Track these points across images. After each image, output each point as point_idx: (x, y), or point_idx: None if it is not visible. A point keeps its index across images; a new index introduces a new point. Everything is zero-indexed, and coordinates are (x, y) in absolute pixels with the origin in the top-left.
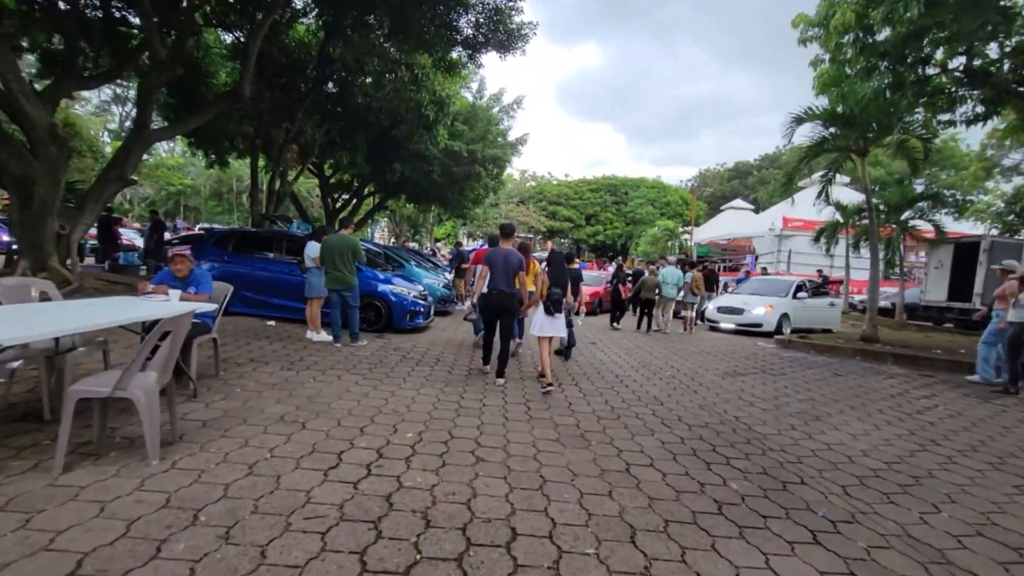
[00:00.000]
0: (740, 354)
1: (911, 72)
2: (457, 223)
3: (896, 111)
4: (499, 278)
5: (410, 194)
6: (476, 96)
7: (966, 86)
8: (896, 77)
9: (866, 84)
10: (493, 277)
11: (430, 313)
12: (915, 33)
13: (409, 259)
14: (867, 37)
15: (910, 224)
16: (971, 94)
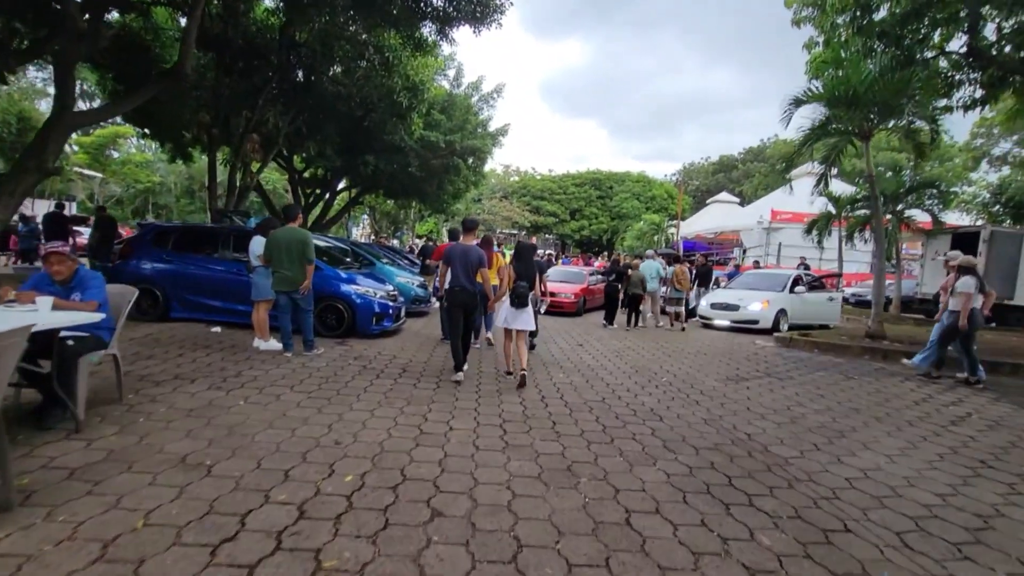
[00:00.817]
0: (739, 354)
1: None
2: (439, 219)
3: (907, 89)
4: (459, 274)
5: (386, 188)
6: (453, 84)
7: (966, 69)
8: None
9: (869, 62)
10: (453, 274)
11: (401, 315)
12: (916, 11)
13: (381, 256)
14: (864, 16)
15: (906, 215)
16: (970, 78)
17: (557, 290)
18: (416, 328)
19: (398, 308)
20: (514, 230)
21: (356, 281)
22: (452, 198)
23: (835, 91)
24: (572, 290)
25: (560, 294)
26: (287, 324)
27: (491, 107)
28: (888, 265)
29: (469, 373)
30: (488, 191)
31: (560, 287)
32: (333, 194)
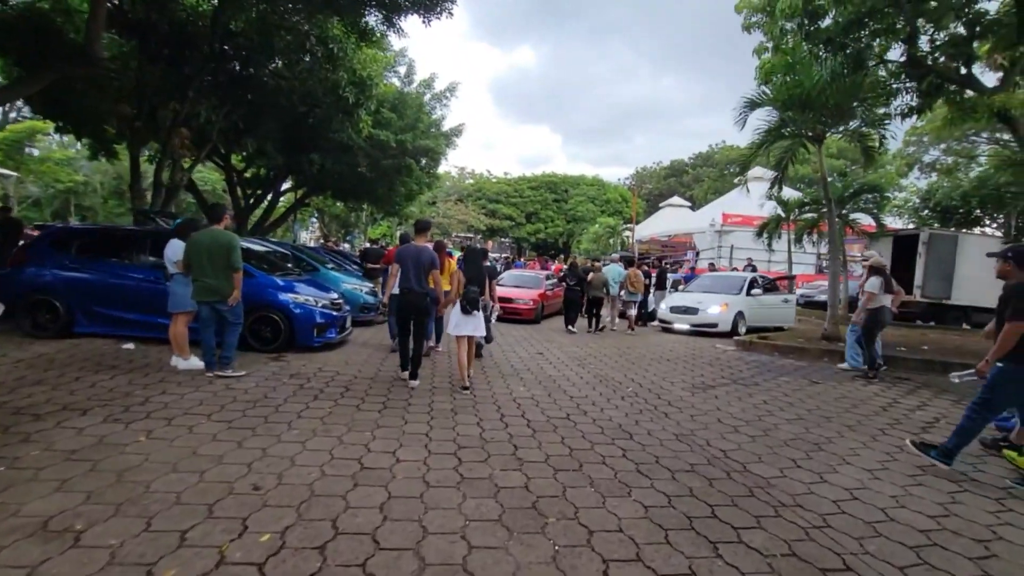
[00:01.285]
0: (702, 359)
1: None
2: (392, 222)
3: (859, 92)
4: (411, 277)
5: (334, 190)
6: (404, 82)
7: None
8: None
9: (818, 67)
10: (405, 276)
11: (347, 325)
12: (858, 20)
13: (326, 261)
14: (812, 23)
15: (850, 218)
16: (907, 86)
17: (513, 296)
18: (364, 338)
19: (343, 318)
20: (469, 233)
21: (295, 289)
22: (405, 200)
23: (789, 94)
24: (529, 296)
25: (517, 300)
26: (209, 339)
27: (444, 106)
28: None
29: (421, 388)
30: (443, 194)
31: (516, 292)
32: (276, 195)
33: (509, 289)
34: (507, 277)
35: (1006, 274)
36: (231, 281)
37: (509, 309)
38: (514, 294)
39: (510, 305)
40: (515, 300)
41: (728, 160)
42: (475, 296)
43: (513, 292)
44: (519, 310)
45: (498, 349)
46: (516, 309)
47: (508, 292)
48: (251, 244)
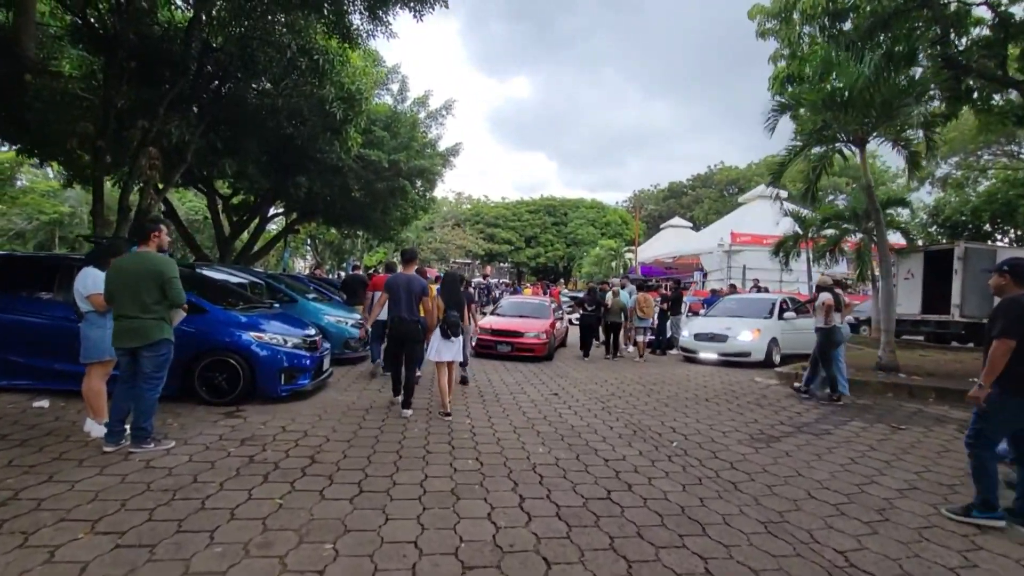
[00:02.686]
0: (745, 398)
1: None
2: (389, 249)
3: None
4: (402, 305)
5: (325, 215)
6: (397, 99)
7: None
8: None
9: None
10: (395, 304)
11: (324, 367)
12: (884, 21)
13: (309, 290)
14: (834, 25)
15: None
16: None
17: (520, 327)
18: (346, 382)
19: (318, 359)
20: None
21: (260, 326)
22: (400, 224)
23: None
24: (539, 327)
25: (526, 334)
26: (122, 401)
27: (440, 125)
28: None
29: (409, 454)
30: (440, 219)
31: (523, 324)
32: (263, 221)
33: (512, 320)
34: (507, 306)
35: (1001, 288)
36: (162, 320)
37: (518, 345)
38: (520, 325)
39: (518, 340)
40: (524, 334)
41: (728, 180)
42: (456, 321)
43: (519, 323)
44: (530, 346)
45: (505, 390)
46: (526, 345)
47: (513, 324)
48: (212, 273)
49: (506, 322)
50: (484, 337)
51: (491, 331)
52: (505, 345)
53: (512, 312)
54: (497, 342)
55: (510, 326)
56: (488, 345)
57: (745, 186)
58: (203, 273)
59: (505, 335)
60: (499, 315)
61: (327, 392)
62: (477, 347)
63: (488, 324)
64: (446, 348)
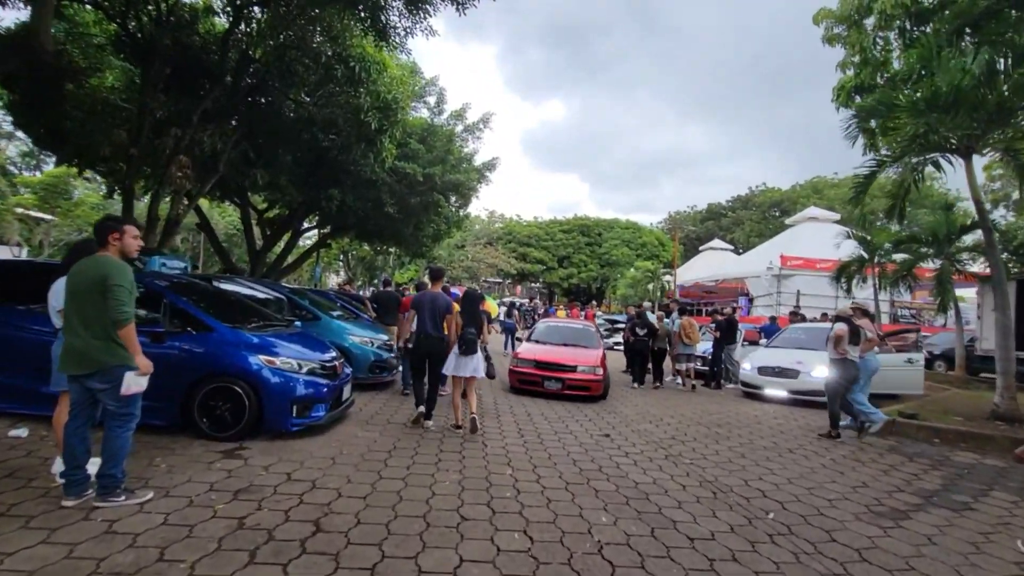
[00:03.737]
0: (836, 448)
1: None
2: (420, 266)
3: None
4: (426, 322)
5: (358, 230)
6: (434, 112)
7: None
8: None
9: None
10: (421, 321)
11: (344, 395)
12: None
13: (335, 306)
14: (916, 28)
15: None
16: None
17: (567, 360)
18: (370, 411)
19: (337, 387)
20: (498, 278)
21: (272, 348)
22: (432, 241)
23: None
24: (592, 359)
25: (577, 367)
26: (76, 442)
27: (477, 139)
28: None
29: (441, 519)
30: (472, 237)
31: (572, 355)
32: (295, 235)
33: (558, 350)
34: (545, 330)
35: None
36: (112, 341)
37: (570, 382)
38: (570, 357)
39: (570, 376)
40: (576, 367)
41: (771, 202)
42: (471, 338)
43: (567, 354)
44: (584, 383)
45: (548, 427)
46: (580, 381)
47: (560, 355)
48: (226, 285)
49: (551, 352)
50: (526, 371)
51: (535, 363)
52: (554, 381)
53: (554, 339)
54: (544, 377)
55: (558, 357)
56: (531, 380)
57: (789, 208)
58: (219, 286)
59: (553, 368)
60: (538, 342)
61: (346, 425)
62: (517, 382)
63: (530, 354)
64: (463, 364)
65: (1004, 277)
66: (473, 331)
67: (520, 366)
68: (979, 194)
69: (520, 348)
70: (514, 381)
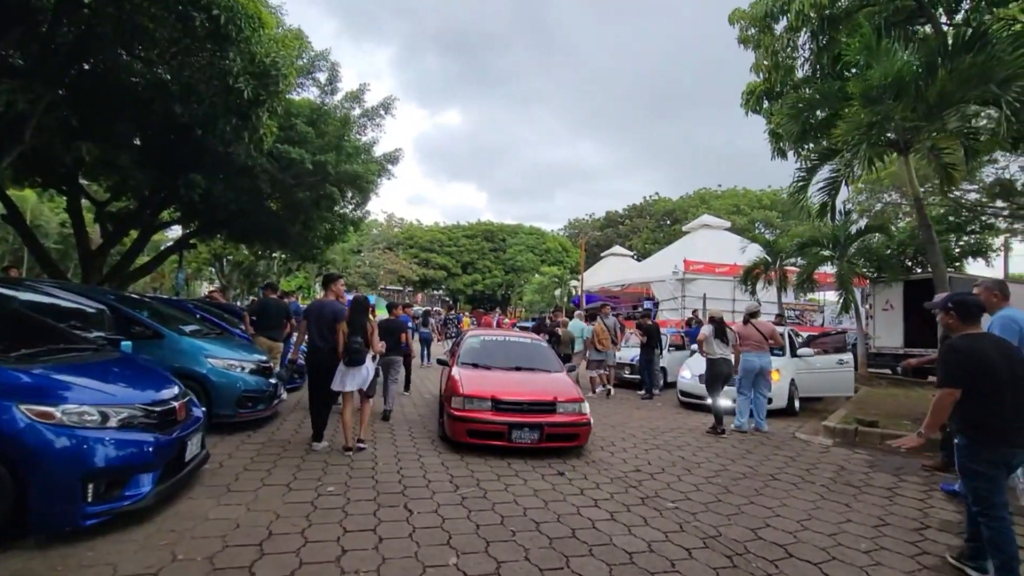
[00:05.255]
0: (822, 471)
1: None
2: (311, 272)
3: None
4: (314, 333)
5: (231, 228)
6: (326, 90)
7: None
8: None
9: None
10: (310, 332)
11: (186, 454)
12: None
13: (191, 319)
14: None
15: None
16: None
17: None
18: (238, 464)
19: (178, 440)
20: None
21: (54, 391)
22: (324, 242)
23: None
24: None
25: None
26: None
27: (377, 127)
28: (842, 317)
29: None
30: (369, 242)
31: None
32: (146, 232)
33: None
34: (479, 347)
35: (949, 328)
36: None
37: (550, 430)
38: (538, 391)
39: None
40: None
41: (664, 212)
42: (356, 347)
43: (532, 387)
44: (571, 428)
45: (485, 468)
46: (564, 427)
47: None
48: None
49: (510, 383)
50: (480, 416)
51: (492, 403)
52: (527, 430)
53: (499, 361)
54: (512, 425)
55: (524, 392)
56: (491, 431)
57: (680, 217)
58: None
59: (523, 410)
60: (476, 367)
61: (192, 498)
62: (467, 434)
63: (480, 388)
64: (350, 378)
65: (944, 275)
66: (359, 340)
67: (469, 409)
68: (918, 190)
69: (458, 377)
70: (460, 432)
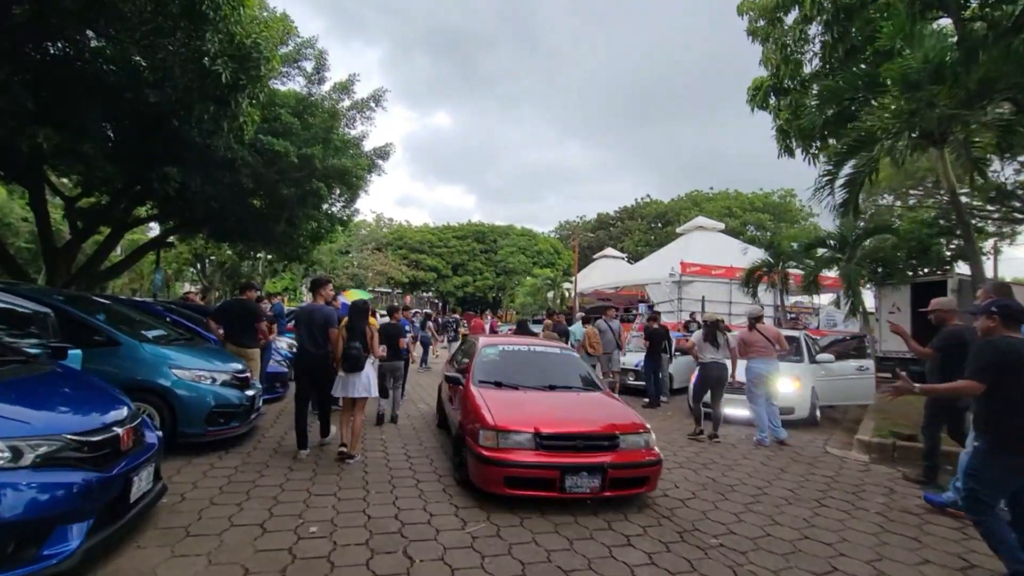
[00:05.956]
0: (872, 495)
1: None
2: (297, 273)
3: None
4: (304, 338)
5: (211, 226)
6: (312, 80)
7: None
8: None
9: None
10: (299, 337)
11: (131, 494)
12: None
13: (157, 324)
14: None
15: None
16: None
17: (588, 427)
18: (201, 498)
19: (117, 478)
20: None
21: None
22: (310, 241)
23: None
24: (626, 420)
25: (616, 440)
26: None
27: (367, 120)
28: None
29: None
30: (358, 243)
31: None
32: (117, 229)
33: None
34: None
35: (990, 331)
36: None
37: (614, 473)
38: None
39: (609, 459)
40: (616, 440)
41: (655, 214)
42: (355, 354)
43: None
44: (640, 470)
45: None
46: (632, 469)
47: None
48: None
49: (548, 409)
50: (523, 459)
51: (537, 439)
52: (585, 475)
53: (528, 379)
54: (563, 468)
55: (572, 420)
56: (539, 478)
57: (672, 219)
58: None
59: (577, 447)
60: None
61: (138, 548)
62: (505, 482)
63: (518, 420)
64: (350, 384)
65: (982, 273)
66: (357, 346)
67: (504, 448)
68: (954, 184)
69: (482, 403)
70: (493, 480)
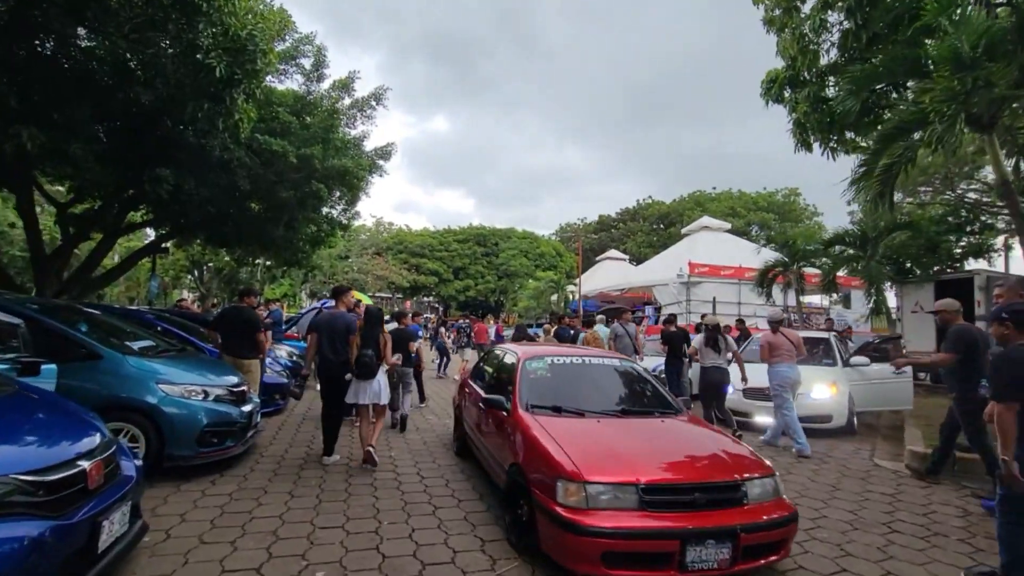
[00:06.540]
0: (947, 519)
1: None
2: (296, 278)
3: None
4: (325, 345)
5: (208, 230)
6: (311, 77)
7: None
8: None
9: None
10: (320, 344)
11: (99, 544)
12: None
13: (144, 334)
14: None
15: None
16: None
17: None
18: (188, 534)
19: (76, 527)
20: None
21: None
22: (310, 246)
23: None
24: (745, 461)
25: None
26: None
27: (368, 119)
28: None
29: None
30: (358, 247)
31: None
32: (110, 235)
33: (632, 434)
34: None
35: (1004, 338)
36: None
37: (747, 539)
38: (692, 462)
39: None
40: (742, 491)
41: (658, 215)
42: (367, 361)
43: (678, 458)
44: (774, 531)
45: None
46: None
47: (664, 461)
48: None
49: (641, 447)
50: (617, 524)
51: (640, 497)
52: (711, 544)
53: (592, 402)
54: (683, 537)
55: (679, 464)
56: (645, 556)
57: (676, 220)
58: None
59: (696, 504)
60: (558, 413)
61: None
62: (601, 563)
63: (607, 468)
64: (363, 391)
65: None
66: (370, 353)
67: (597, 508)
68: (1006, 172)
69: (552, 443)
70: (587, 556)
